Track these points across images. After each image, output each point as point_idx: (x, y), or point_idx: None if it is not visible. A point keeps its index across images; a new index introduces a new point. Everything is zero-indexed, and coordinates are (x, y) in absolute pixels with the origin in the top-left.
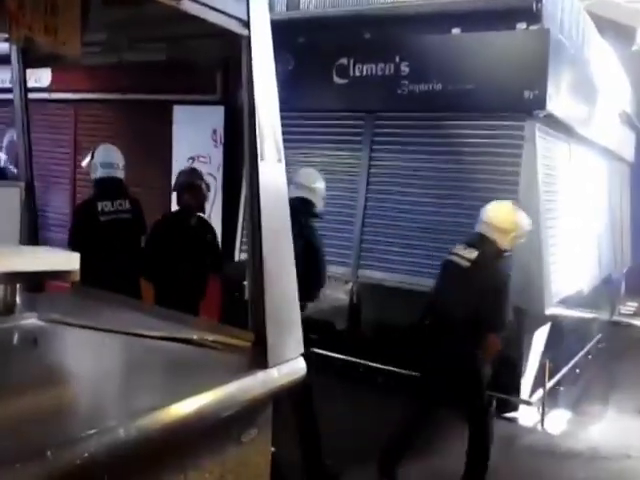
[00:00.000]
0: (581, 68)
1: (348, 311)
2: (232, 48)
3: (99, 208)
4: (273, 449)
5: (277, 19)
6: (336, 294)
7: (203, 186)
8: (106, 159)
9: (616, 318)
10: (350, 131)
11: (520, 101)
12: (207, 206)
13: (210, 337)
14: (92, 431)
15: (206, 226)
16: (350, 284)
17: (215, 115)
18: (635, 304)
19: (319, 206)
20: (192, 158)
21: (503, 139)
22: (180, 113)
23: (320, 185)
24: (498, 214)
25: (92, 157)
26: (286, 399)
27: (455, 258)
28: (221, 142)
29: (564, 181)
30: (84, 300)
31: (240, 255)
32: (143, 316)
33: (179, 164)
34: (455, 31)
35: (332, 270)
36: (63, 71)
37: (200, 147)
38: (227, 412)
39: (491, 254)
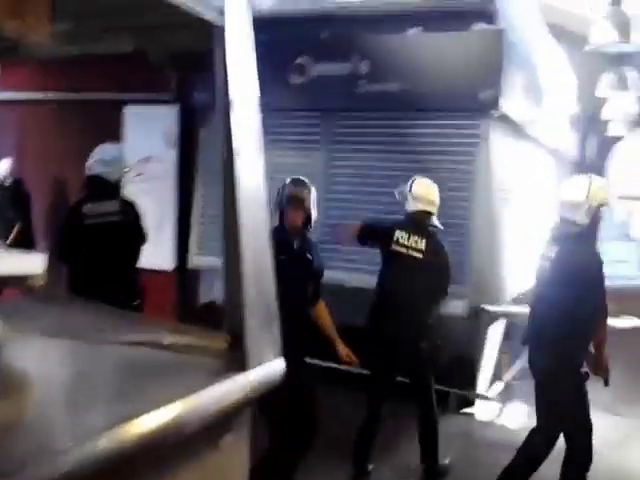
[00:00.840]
0: (532, 69)
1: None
2: (190, 44)
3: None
4: None
5: None
6: None
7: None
8: (100, 156)
9: None
10: (308, 130)
11: (475, 101)
12: (160, 208)
13: (183, 340)
14: (60, 447)
15: (308, 247)
16: None
17: (168, 114)
18: None
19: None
20: (143, 159)
21: (459, 138)
22: (132, 112)
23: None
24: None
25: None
26: None
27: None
28: (175, 143)
29: (516, 181)
30: (44, 306)
31: (194, 259)
32: (110, 321)
33: (130, 165)
34: (412, 31)
35: None
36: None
37: (153, 148)
38: (206, 418)
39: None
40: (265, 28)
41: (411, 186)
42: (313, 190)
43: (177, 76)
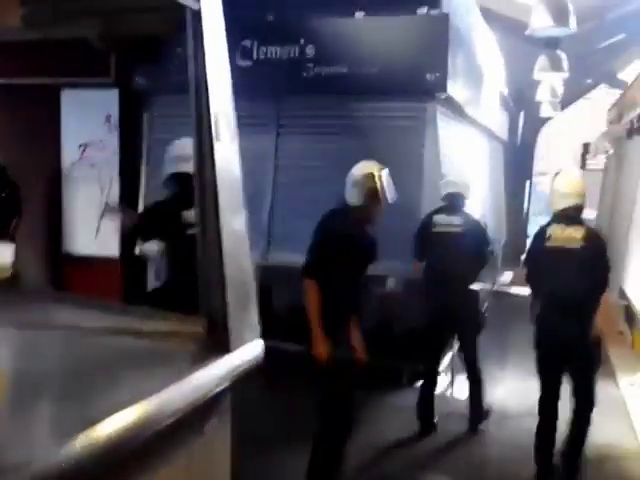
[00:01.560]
0: (470, 52)
1: (258, 295)
2: (133, 27)
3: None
4: None
5: None
6: None
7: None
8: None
9: (497, 288)
10: (256, 113)
11: (422, 83)
12: (103, 194)
13: (161, 327)
14: (49, 441)
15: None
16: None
17: (109, 99)
18: (510, 274)
19: None
20: (84, 145)
21: (406, 121)
22: (70, 97)
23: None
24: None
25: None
26: None
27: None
28: (116, 127)
29: (459, 161)
30: (12, 297)
31: (140, 246)
32: (83, 310)
33: (69, 151)
34: (358, 15)
35: None
36: None
37: (93, 133)
38: (192, 403)
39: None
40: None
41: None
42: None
43: (117, 61)
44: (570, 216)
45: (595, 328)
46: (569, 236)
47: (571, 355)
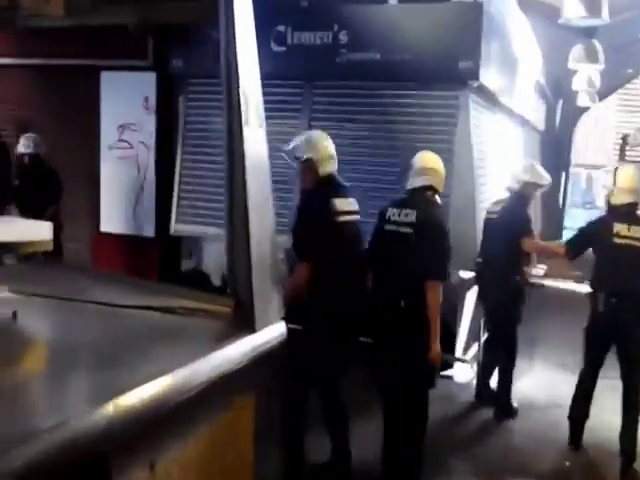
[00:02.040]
0: (504, 40)
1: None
2: (173, 15)
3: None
4: None
5: None
6: None
7: None
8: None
9: (530, 280)
10: (288, 99)
11: (455, 71)
12: (140, 175)
13: (191, 305)
14: (84, 407)
15: None
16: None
17: (146, 82)
18: (544, 266)
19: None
20: (122, 126)
21: (438, 108)
22: (108, 79)
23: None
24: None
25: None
26: None
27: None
28: (153, 110)
29: (492, 149)
30: (51, 271)
31: (176, 226)
32: (116, 287)
33: (108, 133)
34: (392, 1)
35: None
36: None
37: (131, 115)
38: (219, 379)
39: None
40: None
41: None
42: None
43: (154, 44)
44: (630, 213)
45: None
46: (634, 235)
47: (624, 340)
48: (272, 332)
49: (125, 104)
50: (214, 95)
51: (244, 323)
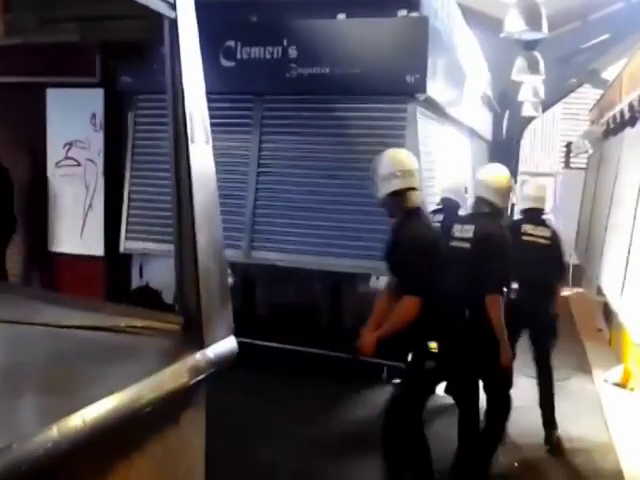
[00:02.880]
0: (451, 53)
1: (242, 293)
2: (123, 33)
3: None
4: None
5: None
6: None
7: None
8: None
9: None
10: (239, 114)
11: (402, 85)
12: (88, 193)
13: (138, 323)
14: (33, 430)
15: None
16: (243, 266)
17: (94, 98)
18: None
19: None
20: (69, 144)
21: (387, 121)
22: (55, 96)
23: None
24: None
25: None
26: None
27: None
28: (101, 126)
29: (440, 160)
30: None
31: (126, 243)
32: (63, 307)
33: (54, 150)
34: (340, 16)
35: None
36: None
37: (78, 132)
38: (168, 396)
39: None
40: (195, 10)
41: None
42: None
43: (102, 61)
44: (537, 216)
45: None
46: (538, 234)
47: (532, 323)
48: (222, 347)
49: (72, 121)
50: (163, 111)
51: (193, 339)
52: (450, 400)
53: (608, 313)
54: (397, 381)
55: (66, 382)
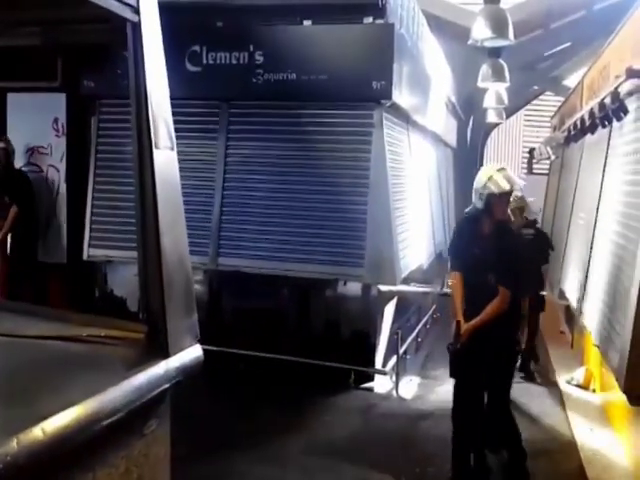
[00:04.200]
0: (416, 60)
1: (208, 299)
2: (84, 37)
3: None
4: None
5: None
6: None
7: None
8: None
9: (445, 290)
10: (205, 119)
11: (369, 91)
12: (50, 200)
13: (101, 332)
14: None
15: None
16: (209, 272)
17: (56, 103)
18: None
19: None
20: (31, 149)
21: (353, 127)
22: (15, 101)
23: None
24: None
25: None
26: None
27: None
28: (63, 132)
29: (406, 165)
30: None
31: (89, 251)
32: (22, 316)
33: (16, 156)
34: (306, 23)
35: (192, 260)
36: None
37: (40, 137)
38: (132, 406)
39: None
40: (160, 14)
41: None
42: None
43: (63, 65)
44: None
45: None
46: None
47: None
48: (187, 355)
49: (34, 126)
50: (127, 116)
51: (157, 348)
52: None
53: (570, 316)
54: (366, 385)
55: (26, 393)
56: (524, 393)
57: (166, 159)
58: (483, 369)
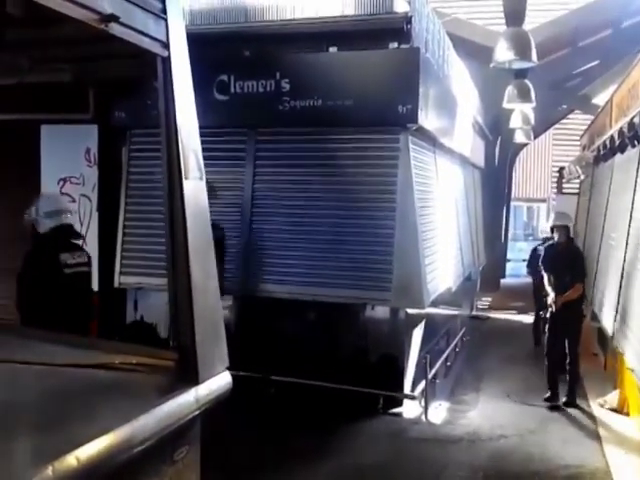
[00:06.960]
0: (442, 83)
1: (237, 325)
2: (108, 71)
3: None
4: None
5: None
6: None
7: None
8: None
9: (475, 313)
10: (233, 147)
11: (395, 115)
12: (82, 229)
13: (133, 360)
14: (28, 471)
15: None
16: (238, 298)
17: (88, 134)
18: (489, 299)
19: None
20: (63, 179)
21: (380, 151)
22: (49, 133)
23: None
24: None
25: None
26: None
27: None
28: (95, 162)
29: (433, 188)
30: None
31: (120, 278)
32: (55, 345)
33: (48, 186)
34: (332, 49)
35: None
36: None
37: (72, 168)
38: (163, 433)
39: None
40: (189, 45)
41: None
42: None
43: (95, 97)
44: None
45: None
46: None
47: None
48: (216, 382)
49: (66, 157)
50: (157, 145)
51: (187, 375)
52: None
53: (603, 338)
54: (395, 410)
55: (60, 421)
56: (556, 417)
57: (195, 189)
58: (565, 326)
